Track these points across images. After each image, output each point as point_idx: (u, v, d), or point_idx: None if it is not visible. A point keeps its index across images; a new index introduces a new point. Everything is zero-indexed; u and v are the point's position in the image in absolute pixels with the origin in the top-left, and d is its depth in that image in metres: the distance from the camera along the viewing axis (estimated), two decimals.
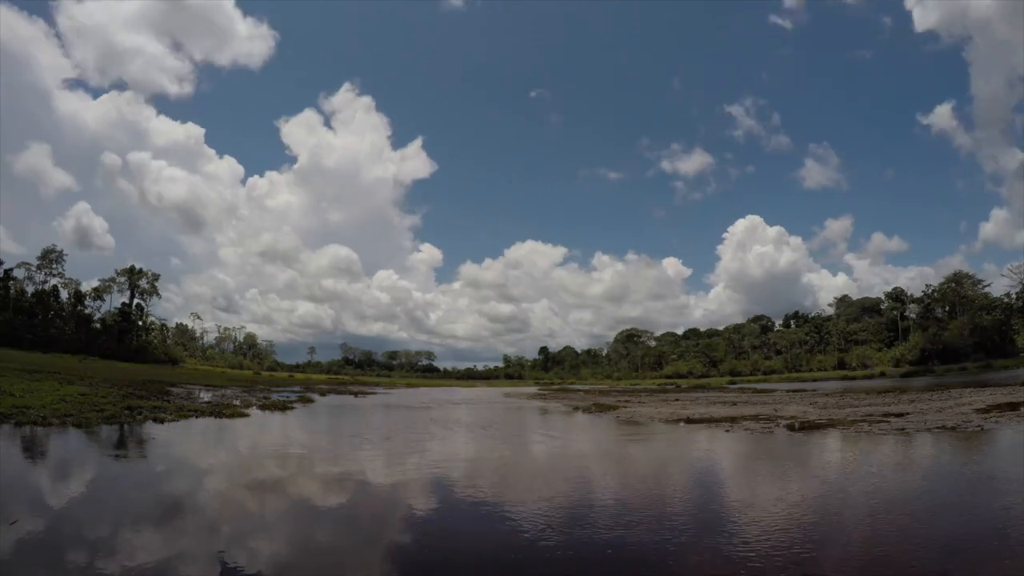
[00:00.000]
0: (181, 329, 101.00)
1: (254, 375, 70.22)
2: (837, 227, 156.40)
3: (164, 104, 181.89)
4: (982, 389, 26.13)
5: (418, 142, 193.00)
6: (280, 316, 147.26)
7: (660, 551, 5.13)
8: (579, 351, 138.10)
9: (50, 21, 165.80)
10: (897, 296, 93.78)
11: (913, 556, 4.79)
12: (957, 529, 5.62)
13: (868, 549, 5.08)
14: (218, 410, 18.54)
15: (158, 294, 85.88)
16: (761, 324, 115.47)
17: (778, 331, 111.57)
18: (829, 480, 8.31)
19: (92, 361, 55.16)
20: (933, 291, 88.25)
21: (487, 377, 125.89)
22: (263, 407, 22.38)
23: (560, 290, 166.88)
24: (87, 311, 78.87)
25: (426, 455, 11.52)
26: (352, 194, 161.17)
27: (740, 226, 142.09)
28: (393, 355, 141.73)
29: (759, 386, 54.55)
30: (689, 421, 17.59)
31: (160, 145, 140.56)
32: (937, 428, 13.07)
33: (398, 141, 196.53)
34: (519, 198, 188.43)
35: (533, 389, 69.25)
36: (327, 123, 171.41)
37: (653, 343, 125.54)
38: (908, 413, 16.74)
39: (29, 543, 5.05)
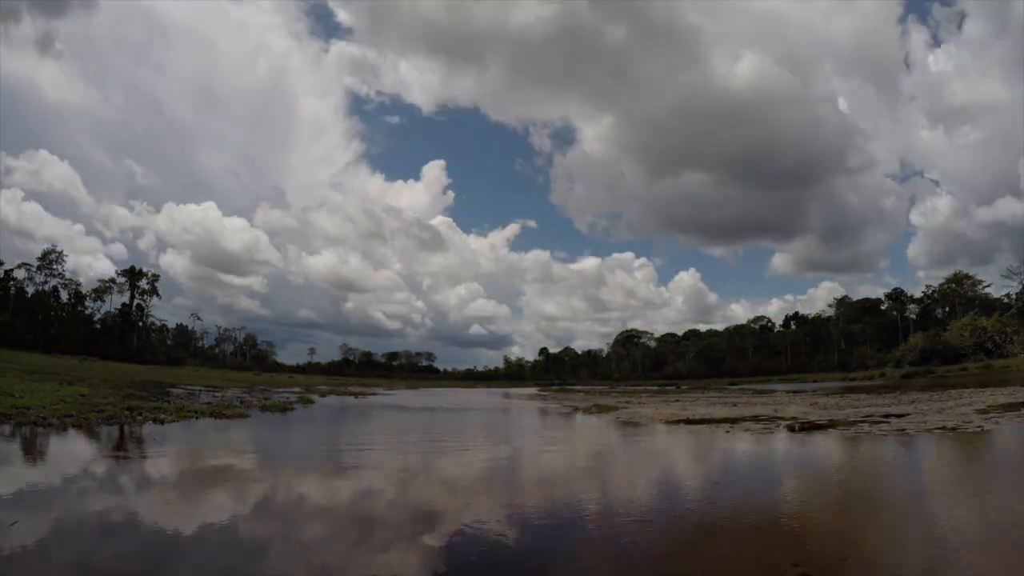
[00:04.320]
0: (181, 329, 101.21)
1: (254, 376, 70.18)
2: None
3: None
4: (982, 389, 26.12)
5: None
6: None
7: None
8: (579, 352, 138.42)
9: None
10: (897, 296, 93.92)
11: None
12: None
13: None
14: (219, 411, 18.52)
15: (158, 295, 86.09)
16: (761, 324, 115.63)
17: (778, 331, 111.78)
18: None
19: (92, 362, 55.30)
20: (933, 291, 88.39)
21: (487, 378, 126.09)
22: (263, 408, 22.38)
23: None
24: (87, 312, 79.11)
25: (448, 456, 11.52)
26: None
27: None
28: (393, 356, 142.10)
29: (759, 387, 54.56)
30: (689, 422, 17.59)
31: None
32: (937, 429, 13.07)
33: None
34: None
35: (533, 390, 69.27)
36: None
37: (653, 344, 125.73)
38: (908, 414, 16.73)
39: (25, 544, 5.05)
